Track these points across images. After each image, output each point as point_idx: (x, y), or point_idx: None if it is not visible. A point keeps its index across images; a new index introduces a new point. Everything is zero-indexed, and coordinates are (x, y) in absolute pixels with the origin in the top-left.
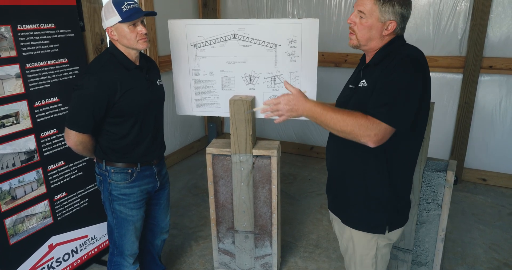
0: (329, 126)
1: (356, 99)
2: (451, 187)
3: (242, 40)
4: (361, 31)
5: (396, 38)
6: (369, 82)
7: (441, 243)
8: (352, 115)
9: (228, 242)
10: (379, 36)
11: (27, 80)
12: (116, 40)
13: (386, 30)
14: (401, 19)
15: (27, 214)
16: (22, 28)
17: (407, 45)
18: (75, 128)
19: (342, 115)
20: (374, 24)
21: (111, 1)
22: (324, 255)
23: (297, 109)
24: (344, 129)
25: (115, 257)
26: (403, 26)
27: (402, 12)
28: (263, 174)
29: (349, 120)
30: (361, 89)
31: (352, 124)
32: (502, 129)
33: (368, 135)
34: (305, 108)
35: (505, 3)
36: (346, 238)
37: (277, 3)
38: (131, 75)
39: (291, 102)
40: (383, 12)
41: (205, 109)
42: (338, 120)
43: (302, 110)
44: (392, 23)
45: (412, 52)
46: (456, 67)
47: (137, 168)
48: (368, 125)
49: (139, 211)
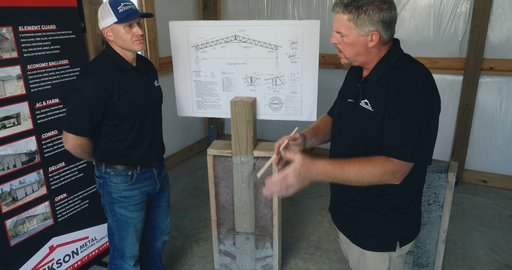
0: (352, 181)
1: (358, 121)
2: (452, 188)
3: (243, 42)
4: (346, 49)
5: (393, 49)
6: (373, 104)
7: (442, 245)
8: (371, 163)
9: (229, 244)
10: (366, 50)
11: (28, 81)
12: (112, 41)
13: (371, 42)
14: (384, 26)
15: (28, 215)
16: (23, 29)
17: (407, 58)
18: (73, 131)
19: (362, 166)
20: (356, 40)
21: (107, 2)
22: (325, 257)
23: (309, 175)
24: (372, 180)
25: (116, 259)
26: (391, 32)
27: (382, 18)
28: (264, 176)
29: (373, 170)
30: (364, 111)
31: (379, 174)
32: (503, 130)
33: (395, 177)
34: (317, 171)
35: (506, 5)
36: (357, 252)
37: (278, 5)
38: (128, 77)
39: (300, 170)
40: (360, 26)
41: (206, 110)
42: (361, 173)
43: (316, 174)
44: (375, 34)
45: (422, 72)
46: (456, 69)
47: (137, 170)
48: (393, 169)
49: (139, 213)
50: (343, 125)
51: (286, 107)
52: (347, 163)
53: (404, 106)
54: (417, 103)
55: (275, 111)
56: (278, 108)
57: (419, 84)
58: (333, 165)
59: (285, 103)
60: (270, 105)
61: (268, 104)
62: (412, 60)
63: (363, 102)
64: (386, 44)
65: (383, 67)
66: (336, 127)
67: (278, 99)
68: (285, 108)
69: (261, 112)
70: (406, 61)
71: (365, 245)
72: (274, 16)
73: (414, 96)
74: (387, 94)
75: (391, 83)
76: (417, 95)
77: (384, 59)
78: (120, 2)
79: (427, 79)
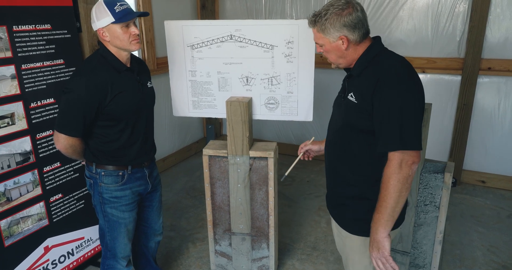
0: (399, 202)
1: (343, 112)
2: (449, 189)
3: (239, 41)
4: (328, 56)
5: (371, 45)
6: (356, 96)
7: (438, 246)
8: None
9: (225, 244)
10: (343, 53)
11: (23, 81)
12: (108, 41)
13: (343, 45)
14: (348, 29)
15: (23, 215)
16: (18, 29)
17: (386, 52)
18: (65, 131)
19: (385, 191)
20: (331, 46)
21: (103, 2)
22: (322, 258)
23: (378, 238)
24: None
25: (108, 260)
26: (358, 32)
27: (344, 23)
28: (260, 176)
29: (393, 182)
30: (349, 103)
31: (397, 179)
32: (501, 130)
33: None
34: (377, 228)
35: (504, 5)
36: (343, 236)
37: (276, 5)
38: (122, 78)
39: (372, 245)
40: (328, 34)
41: (202, 110)
42: (390, 196)
43: (376, 231)
44: (343, 38)
45: (399, 65)
46: (454, 69)
47: (128, 171)
48: (397, 164)
49: (131, 213)
50: (335, 116)
51: (282, 107)
52: (379, 196)
53: (386, 100)
54: (398, 95)
55: (271, 111)
56: (274, 108)
57: (396, 76)
58: (376, 210)
59: (281, 103)
60: (266, 105)
61: (264, 104)
62: (391, 54)
63: (349, 95)
64: (361, 43)
65: (363, 62)
66: (330, 118)
67: (274, 99)
68: (281, 108)
69: (257, 112)
70: (384, 55)
71: (350, 228)
72: (272, 16)
73: (393, 90)
74: (367, 86)
75: (370, 76)
76: (395, 88)
77: (363, 56)
78: (116, 2)
79: (404, 70)
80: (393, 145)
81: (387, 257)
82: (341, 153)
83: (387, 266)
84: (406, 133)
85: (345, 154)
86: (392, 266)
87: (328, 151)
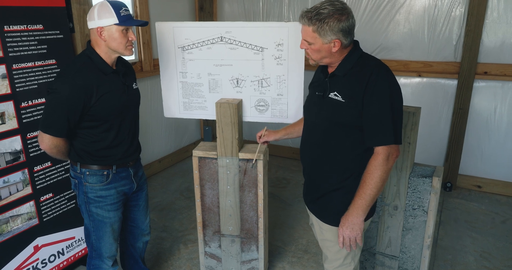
0: (379, 188)
1: (328, 111)
2: (438, 193)
3: (229, 43)
4: (313, 54)
5: (354, 49)
6: (343, 95)
7: (427, 250)
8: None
9: (215, 246)
10: (330, 54)
11: (14, 81)
12: (105, 41)
13: (334, 48)
14: (343, 34)
15: (12, 214)
16: (9, 29)
17: (366, 56)
18: (50, 131)
19: (371, 180)
20: (321, 47)
21: (108, 3)
22: (313, 261)
23: (356, 221)
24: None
25: (94, 260)
26: (350, 37)
27: (342, 27)
28: (250, 178)
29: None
30: (333, 101)
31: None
32: (497, 135)
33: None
34: (357, 212)
35: (500, 9)
36: (325, 230)
37: (273, 7)
38: (107, 79)
39: (347, 224)
40: (323, 35)
41: (193, 111)
42: (375, 185)
43: (357, 215)
44: (337, 41)
45: (383, 66)
46: (450, 73)
47: (113, 170)
48: (383, 156)
49: (116, 212)
50: (314, 115)
51: (272, 109)
52: (363, 184)
53: (378, 98)
54: (387, 94)
55: (261, 113)
56: (264, 110)
57: (386, 76)
58: (359, 196)
59: (271, 105)
60: (256, 107)
61: (254, 106)
62: (372, 57)
63: (332, 94)
64: (347, 47)
65: (348, 63)
66: (307, 117)
67: (264, 101)
68: (271, 110)
69: (247, 114)
70: (367, 58)
71: (334, 222)
72: (270, 18)
73: (385, 88)
74: (357, 85)
75: (359, 77)
76: (387, 87)
77: (347, 58)
78: (121, 6)
79: (389, 71)
80: (387, 140)
81: (359, 235)
82: (327, 151)
83: (356, 243)
84: (397, 129)
85: (332, 152)
86: (358, 243)
87: (311, 151)
